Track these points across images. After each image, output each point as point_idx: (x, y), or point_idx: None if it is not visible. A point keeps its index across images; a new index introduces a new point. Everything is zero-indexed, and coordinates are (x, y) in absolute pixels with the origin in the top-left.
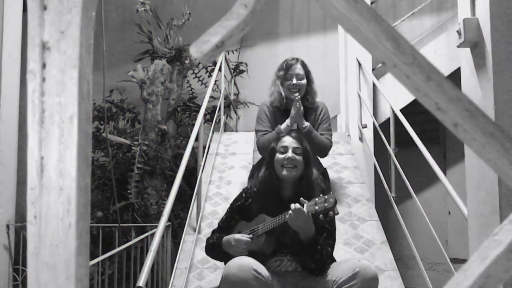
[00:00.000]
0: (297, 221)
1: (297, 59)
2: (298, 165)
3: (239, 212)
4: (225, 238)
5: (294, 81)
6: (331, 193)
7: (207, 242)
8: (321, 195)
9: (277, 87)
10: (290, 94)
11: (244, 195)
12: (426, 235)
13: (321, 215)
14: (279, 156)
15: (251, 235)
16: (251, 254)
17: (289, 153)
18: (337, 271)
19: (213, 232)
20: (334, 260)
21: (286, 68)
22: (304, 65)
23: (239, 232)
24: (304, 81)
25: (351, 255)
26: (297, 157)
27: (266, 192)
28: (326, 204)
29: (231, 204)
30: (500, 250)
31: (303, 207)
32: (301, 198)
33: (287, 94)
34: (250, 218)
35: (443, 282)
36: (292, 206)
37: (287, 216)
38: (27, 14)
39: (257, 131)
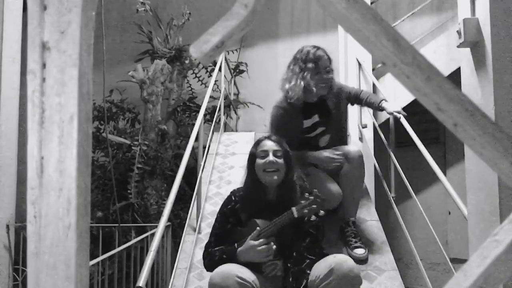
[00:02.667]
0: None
1: (322, 49)
2: (280, 168)
3: (232, 215)
4: (240, 250)
5: (325, 75)
6: (314, 191)
7: (210, 259)
8: (306, 194)
9: (302, 81)
10: (319, 90)
11: (233, 198)
12: (426, 235)
13: (313, 217)
14: (259, 161)
15: (262, 240)
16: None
17: (270, 157)
18: (316, 270)
19: (209, 245)
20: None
21: (315, 60)
22: (328, 55)
23: (235, 241)
24: (332, 74)
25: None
26: (278, 160)
27: (250, 197)
28: (314, 206)
29: (221, 209)
30: (500, 250)
31: (294, 213)
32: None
33: (316, 89)
34: (242, 223)
35: (443, 282)
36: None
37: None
38: (27, 14)
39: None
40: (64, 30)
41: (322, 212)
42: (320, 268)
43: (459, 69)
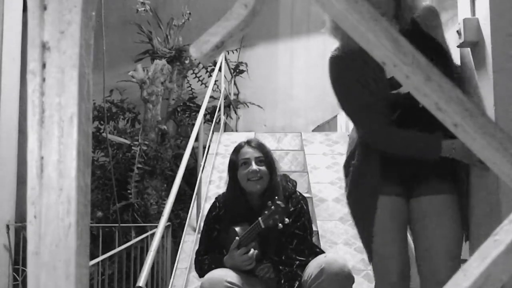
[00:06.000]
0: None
1: None
2: (264, 176)
3: (217, 222)
4: (225, 258)
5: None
6: (275, 199)
7: (200, 268)
8: (269, 203)
9: None
10: None
11: (217, 204)
12: None
13: (280, 225)
14: (242, 171)
15: (242, 249)
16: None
17: (253, 166)
18: (308, 270)
19: (198, 253)
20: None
21: None
22: None
23: (223, 247)
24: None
25: (351, 255)
26: (261, 167)
27: (234, 204)
28: (276, 216)
29: (207, 216)
30: (500, 250)
31: (261, 224)
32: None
33: None
34: (226, 229)
35: None
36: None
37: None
38: (27, 14)
39: None
40: (64, 30)
41: (287, 220)
42: (311, 267)
43: None
